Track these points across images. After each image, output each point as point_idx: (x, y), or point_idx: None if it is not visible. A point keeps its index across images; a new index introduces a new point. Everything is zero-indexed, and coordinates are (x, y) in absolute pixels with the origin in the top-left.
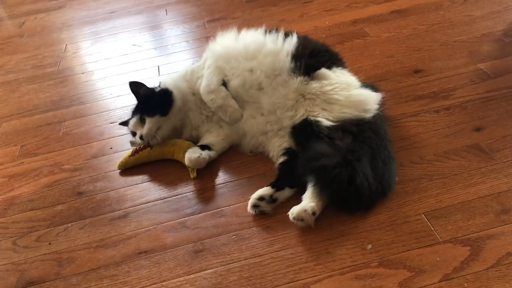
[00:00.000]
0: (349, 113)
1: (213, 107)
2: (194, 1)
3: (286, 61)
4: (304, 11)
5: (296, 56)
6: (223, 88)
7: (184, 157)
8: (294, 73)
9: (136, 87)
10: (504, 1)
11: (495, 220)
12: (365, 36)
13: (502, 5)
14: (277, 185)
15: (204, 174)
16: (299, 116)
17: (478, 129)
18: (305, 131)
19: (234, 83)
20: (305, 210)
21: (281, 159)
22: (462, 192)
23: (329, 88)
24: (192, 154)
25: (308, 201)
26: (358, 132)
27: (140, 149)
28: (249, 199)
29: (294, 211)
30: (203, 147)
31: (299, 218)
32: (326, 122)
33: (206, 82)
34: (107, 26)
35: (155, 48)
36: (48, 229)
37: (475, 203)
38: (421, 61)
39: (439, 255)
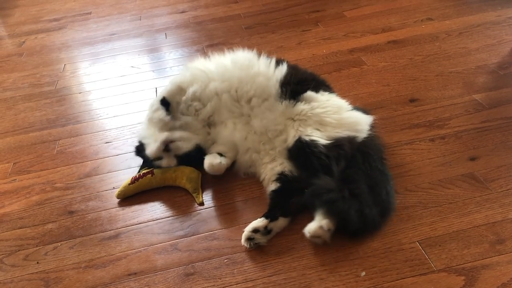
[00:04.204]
0: (341, 132)
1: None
2: (194, 26)
3: (275, 86)
4: (302, 39)
5: (284, 83)
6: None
7: (187, 183)
8: (280, 98)
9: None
10: (499, 35)
11: (490, 250)
12: (362, 65)
13: (496, 38)
14: (270, 216)
15: None
16: (291, 138)
17: (473, 159)
18: (303, 152)
19: (222, 86)
20: (321, 227)
21: (273, 186)
22: (457, 221)
23: (320, 110)
24: (213, 160)
25: (321, 218)
26: (352, 152)
27: (140, 177)
28: (243, 223)
29: (310, 229)
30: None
31: (316, 235)
32: (323, 141)
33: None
34: (107, 47)
35: (153, 71)
36: (37, 248)
37: (470, 233)
38: (416, 90)
39: (433, 284)
